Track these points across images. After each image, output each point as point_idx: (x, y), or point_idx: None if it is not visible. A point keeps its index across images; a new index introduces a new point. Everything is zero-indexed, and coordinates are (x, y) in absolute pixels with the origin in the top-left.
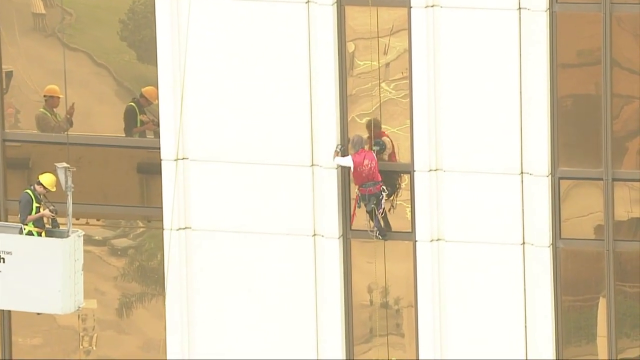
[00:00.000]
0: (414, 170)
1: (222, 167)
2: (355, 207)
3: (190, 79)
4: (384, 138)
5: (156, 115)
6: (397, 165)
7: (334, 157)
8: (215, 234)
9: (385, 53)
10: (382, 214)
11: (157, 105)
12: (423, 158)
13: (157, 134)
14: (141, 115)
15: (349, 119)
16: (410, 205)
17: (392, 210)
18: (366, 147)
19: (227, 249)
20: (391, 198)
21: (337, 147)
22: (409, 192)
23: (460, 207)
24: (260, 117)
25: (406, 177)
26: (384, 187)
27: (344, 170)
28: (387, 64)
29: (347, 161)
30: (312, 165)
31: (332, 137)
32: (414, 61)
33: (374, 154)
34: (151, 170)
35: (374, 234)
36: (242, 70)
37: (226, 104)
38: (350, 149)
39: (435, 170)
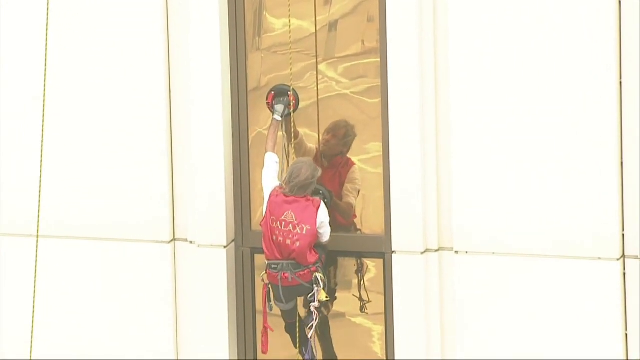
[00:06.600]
0: (392, 251)
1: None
2: (265, 315)
3: None
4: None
5: None
6: (356, 239)
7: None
8: None
9: (326, 5)
10: (311, 330)
11: None
12: (412, 225)
13: None
14: None
15: (251, 135)
16: (384, 324)
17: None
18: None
19: None
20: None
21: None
22: (383, 296)
23: (492, 327)
24: (82, 151)
25: (373, 264)
26: (319, 276)
27: (241, 248)
28: (332, 25)
29: (265, 180)
30: (174, 240)
31: (215, 172)
32: (391, 16)
33: (317, 211)
34: None
35: None
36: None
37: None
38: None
39: (436, 250)
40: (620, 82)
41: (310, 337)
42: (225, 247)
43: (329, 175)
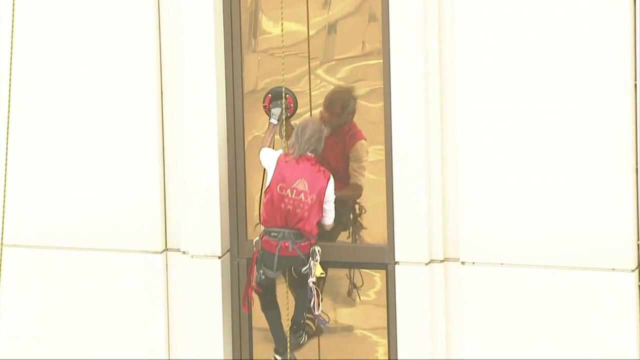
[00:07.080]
0: (395, 262)
1: None
2: (250, 278)
3: None
4: None
5: None
6: (357, 250)
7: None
8: None
9: (325, 6)
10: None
11: None
12: (416, 235)
13: None
14: None
15: (247, 140)
16: (387, 338)
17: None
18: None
19: None
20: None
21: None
22: (385, 309)
23: (500, 342)
24: (71, 157)
25: (377, 275)
26: (317, 249)
27: (236, 259)
28: (331, 26)
29: (266, 157)
30: (166, 250)
31: (210, 178)
32: (394, 15)
33: (327, 181)
34: None
35: None
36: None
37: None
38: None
39: (442, 261)
40: (635, 85)
41: (320, 310)
42: (219, 257)
43: (331, 142)
